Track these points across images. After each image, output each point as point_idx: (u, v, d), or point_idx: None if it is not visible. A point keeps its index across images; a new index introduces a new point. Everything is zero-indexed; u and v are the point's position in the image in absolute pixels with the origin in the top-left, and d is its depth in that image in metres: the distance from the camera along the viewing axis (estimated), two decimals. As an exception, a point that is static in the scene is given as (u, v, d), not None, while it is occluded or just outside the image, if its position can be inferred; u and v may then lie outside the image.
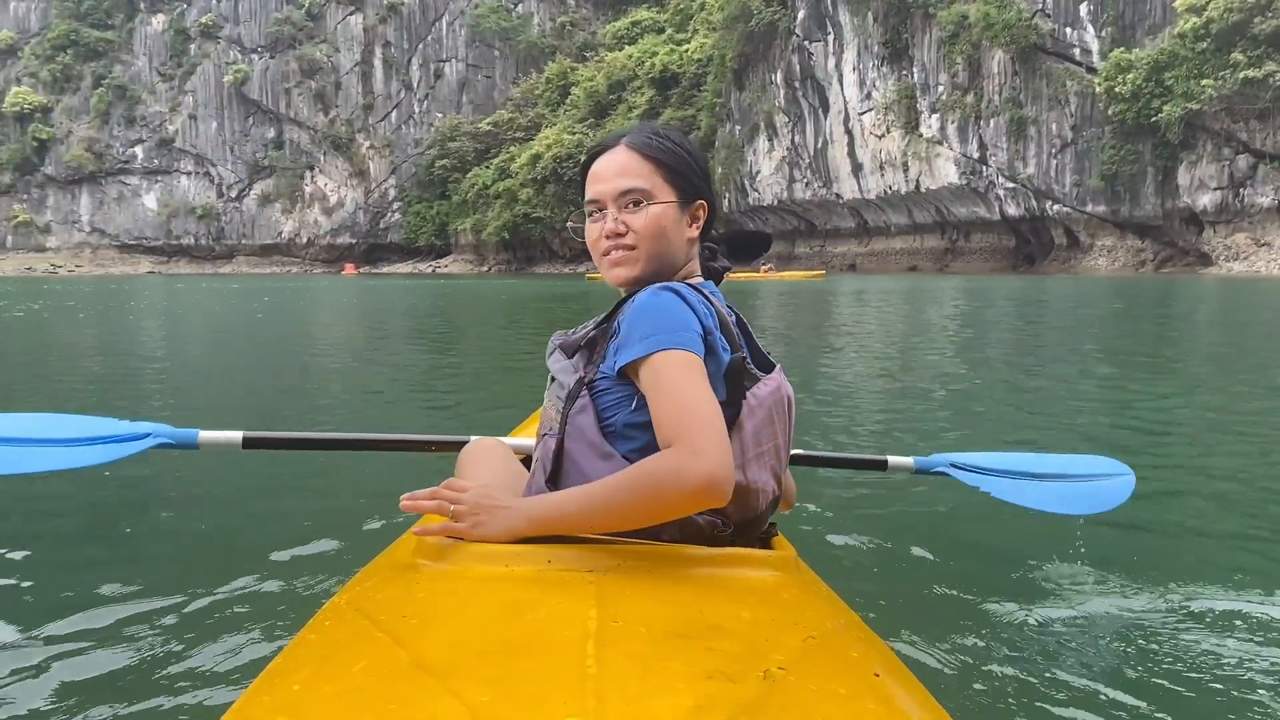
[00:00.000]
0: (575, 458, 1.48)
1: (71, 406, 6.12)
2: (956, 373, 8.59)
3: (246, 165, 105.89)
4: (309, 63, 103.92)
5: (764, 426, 1.49)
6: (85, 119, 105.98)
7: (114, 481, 3.88)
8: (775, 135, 73.44)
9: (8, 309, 21.30)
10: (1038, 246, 61.20)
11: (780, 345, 12.00)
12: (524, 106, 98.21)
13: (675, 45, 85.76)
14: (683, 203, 1.61)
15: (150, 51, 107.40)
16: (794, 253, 76.37)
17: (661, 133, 1.64)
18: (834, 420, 5.88)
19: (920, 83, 62.50)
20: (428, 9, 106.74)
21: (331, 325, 17.21)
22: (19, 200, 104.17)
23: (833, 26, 67.79)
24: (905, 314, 18.46)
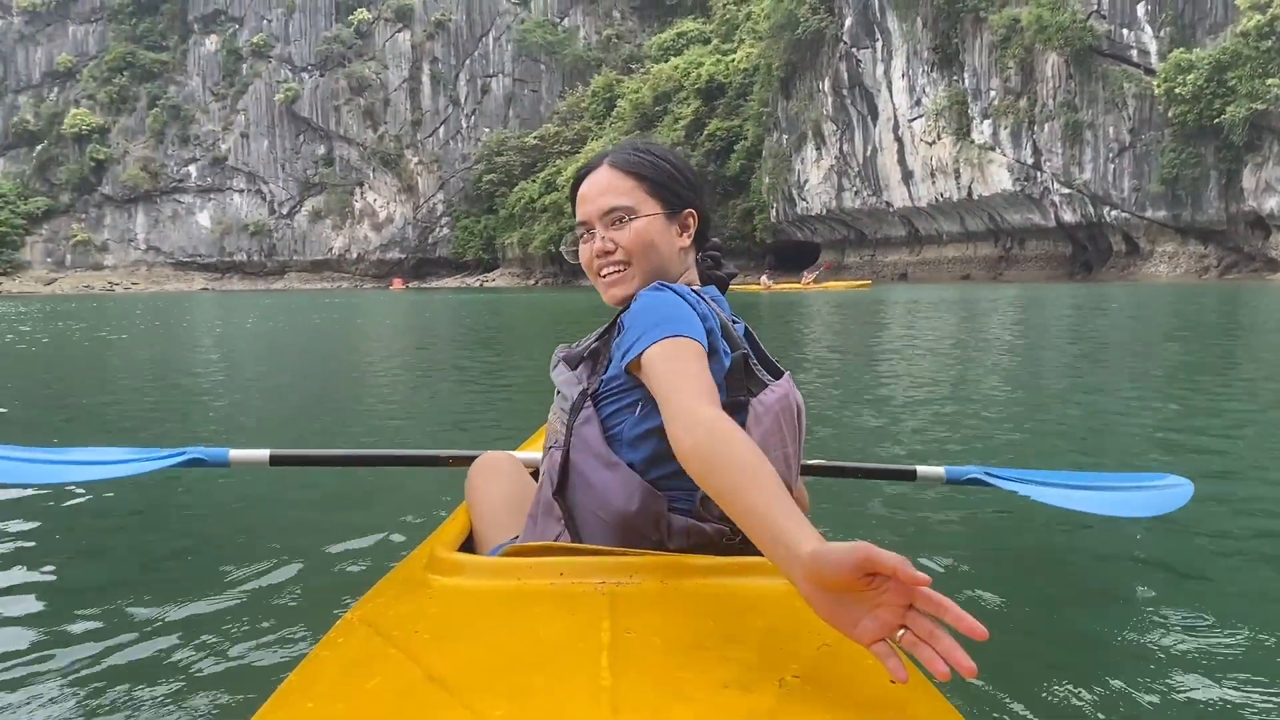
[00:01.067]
0: (581, 469, 1.50)
1: (118, 428, 6.55)
2: (1003, 386, 8.19)
3: (297, 182, 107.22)
4: (358, 80, 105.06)
5: (771, 434, 1.48)
6: (141, 139, 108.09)
7: (144, 499, 4.07)
8: (823, 144, 72.58)
9: (66, 329, 21.35)
10: (1095, 254, 59.68)
11: (822, 356, 11.71)
12: (570, 120, 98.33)
13: (721, 55, 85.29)
14: (669, 213, 1.64)
15: (204, 72, 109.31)
16: (844, 262, 75.32)
17: (643, 147, 1.68)
18: (870, 431, 5.78)
19: (971, 88, 61.34)
20: (474, 25, 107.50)
21: (375, 341, 17.13)
22: (77, 219, 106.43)
23: (881, 33, 66.87)
24: (953, 324, 17.71)
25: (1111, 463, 4.81)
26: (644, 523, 1.44)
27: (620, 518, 1.44)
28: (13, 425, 6.73)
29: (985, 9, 59.02)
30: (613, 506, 1.45)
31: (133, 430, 6.49)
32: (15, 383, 10.04)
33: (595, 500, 1.47)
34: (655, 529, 1.44)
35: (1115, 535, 3.28)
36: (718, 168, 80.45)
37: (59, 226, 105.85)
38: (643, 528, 1.44)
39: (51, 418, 7.20)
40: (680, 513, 1.44)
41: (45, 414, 7.50)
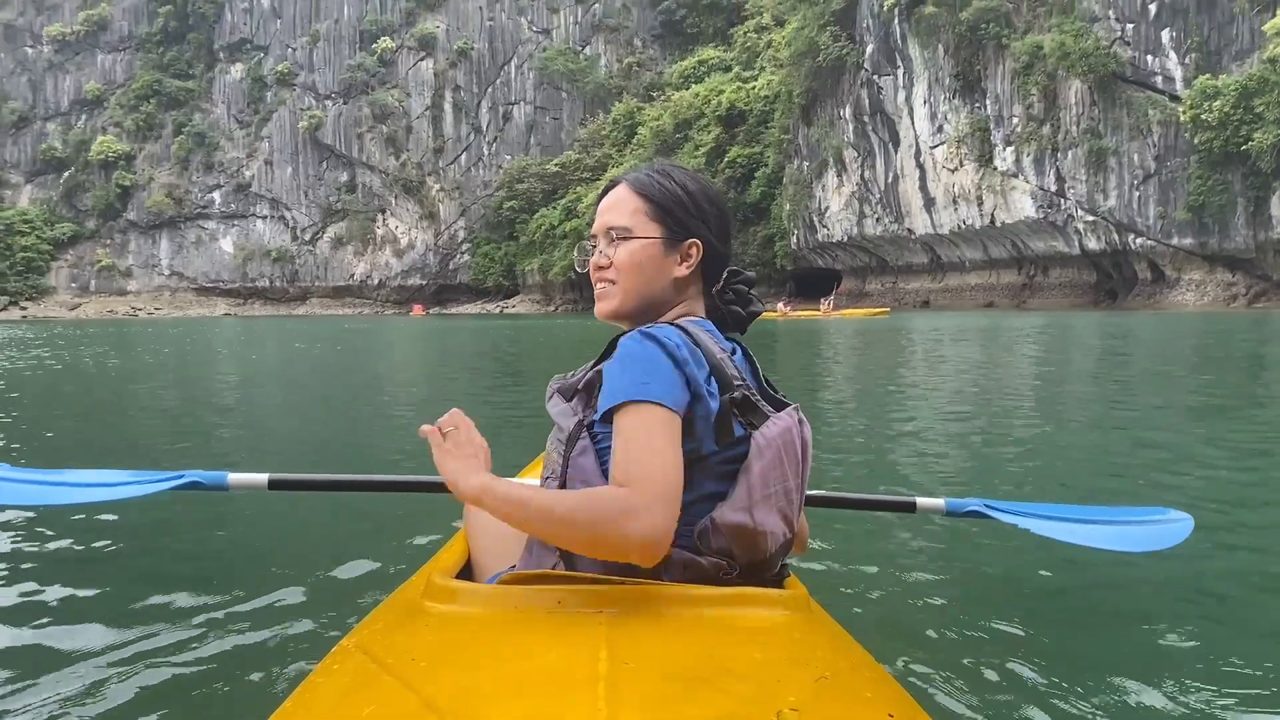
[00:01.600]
0: None
1: (126, 450, 6.60)
2: (1016, 418, 8.01)
3: (320, 209, 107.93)
4: (381, 108, 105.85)
5: (772, 468, 1.48)
6: (166, 166, 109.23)
7: (141, 522, 4.05)
8: (844, 170, 72.27)
9: (85, 354, 21.23)
10: (1120, 281, 58.93)
11: (833, 384, 11.71)
12: (591, 147, 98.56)
13: (742, 83, 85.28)
14: (669, 240, 1.64)
15: (229, 100, 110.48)
16: (865, 289, 74.81)
17: (664, 170, 1.68)
18: (877, 462, 5.78)
19: (994, 115, 60.93)
20: (497, 53, 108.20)
21: (392, 368, 17.17)
22: (102, 245, 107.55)
23: (902, 60, 66.63)
24: (971, 353, 17.35)
25: (1118, 495, 4.77)
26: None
27: None
28: (23, 447, 6.63)
29: (1007, 36, 58.71)
30: None
31: (141, 452, 6.48)
32: (29, 406, 9.92)
33: None
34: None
35: (1115, 568, 3.31)
36: (738, 194, 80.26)
37: (84, 252, 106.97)
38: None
39: (61, 440, 7.15)
40: (677, 546, 1.42)
41: (55, 436, 7.42)
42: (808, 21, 72.76)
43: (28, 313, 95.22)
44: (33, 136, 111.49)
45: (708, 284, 1.70)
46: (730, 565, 1.43)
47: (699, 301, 1.69)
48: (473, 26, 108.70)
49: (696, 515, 1.44)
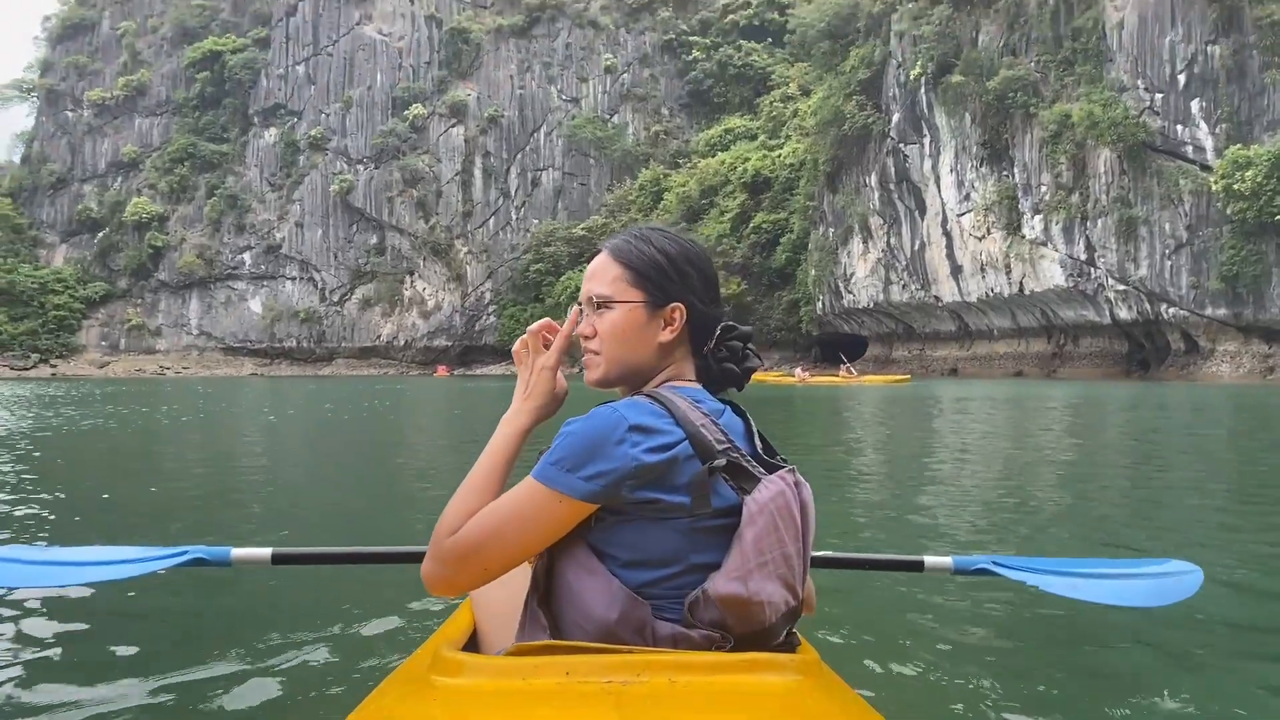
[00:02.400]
0: (564, 575, 1.48)
1: (142, 518, 6.54)
2: (1035, 482, 7.98)
3: (349, 270, 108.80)
4: (412, 172, 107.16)
5: (766, 534, 1.45)
6: (198, 227, 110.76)
7: (143, 596, 4.00)
8: (870, 237, 72.17)
9: (112, 414, 21.07)
10: (1153, 351, 58.04)
11: (850, 449, 11.54)
12: (617, 211, 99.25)
13: (768, 151, 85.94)
14: (651, 305, 1.62)
15: (262, 163, 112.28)
16: (892, 356, 74.22)
17: (642, 235, 1.67)
18: (889, 523, 5.83)
19: (1022, 183, 60.76)
20: (527, 121, 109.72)
21: (411, 431, 17.05)
22: (133, 304, 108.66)
23: (929, 129, 66.85)
24: (989, 422, 16.94)
25: (1131, 551, 4.80)
26: (626, 631, 1.40)
27: (602, 626, 1.41)
28: (37, 513, 6.54)
29: (1035, 105, 58.76)
30: (594, 614, 1.42)
31: (151, 522, 6.44)
32: (49, 469, 9.73)
33: (576, 608, 1.45)
34: (639, 637, 1.40)
35: (1123, 621, 3.33)
36: (763, 259, 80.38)
37: (115, 311, 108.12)
38: (626, 637, 1.40)
39: (75, 507, 7.05)
40: (665, 619, 1.42)
41: (69, 501, 7.32)
42: (834, 91, 73.34)
43: (57, 370, 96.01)
44: (70, 197, 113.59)
45: (697, 344, 1.67)
46: (724, 638, 1.40)
47: (688, 363, 1.67)
48: (503, 94, 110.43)
49: (686, 586, 1.43)
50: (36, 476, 8.94)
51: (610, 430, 1.43)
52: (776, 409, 22.41)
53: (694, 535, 1.44)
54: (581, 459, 1.41)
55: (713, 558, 1.44)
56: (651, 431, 1.44)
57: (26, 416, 18.65)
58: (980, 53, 62.29)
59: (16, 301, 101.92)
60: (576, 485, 1.41)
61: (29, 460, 10.40)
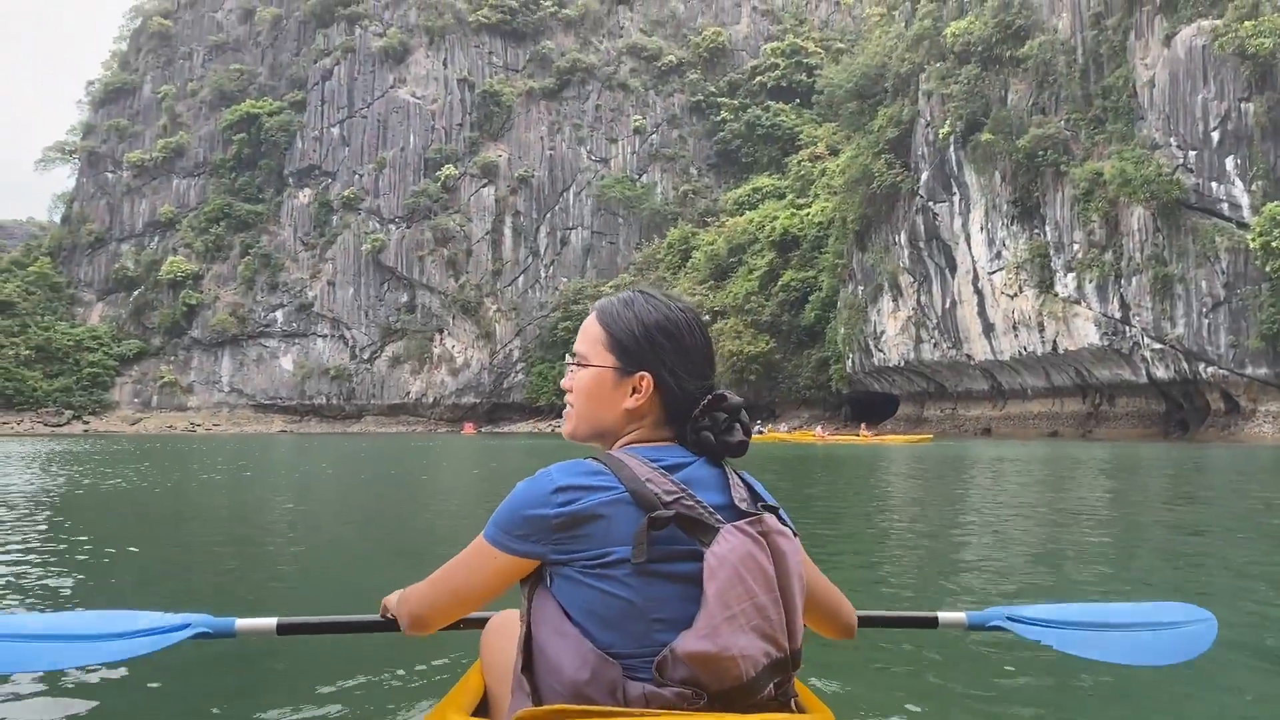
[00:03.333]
0: (539, 640, 1.51)
1: (153, 585, 6.33)
2: (1058, 535, 7.85)
3: (379, 328, 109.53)
4: (443, 232, 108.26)
5: (731, 587, 1.44)
6: (232, 285, 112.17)
7: (151, 676, 3.81)
8: (900, 295, 71.68)
9: (140, 473, 20.92)
10: (1191, 412, 56.81)
11: (869, 509, 11.27)
12: (646, 270, 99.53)
13: (796, 209, 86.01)
14: (621, 371, 1.65)
15: (295, 223, 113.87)
16: (924, 415, 73.24)
17: (628, 299, 1.71)
18: (910, 580, 5.70)
19: (1054, 241, 60.23)
20: (556, 181, 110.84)
21: (434, 492, 16.62)
22: (166, 361, 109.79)
23: (958, 186, 66.64)
24: (1008, 483, 16.25)
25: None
26: (598, 691, 1.41)
27: (573, 687, 1.42)
28: (54, 576, 6.36)
29: (1065, 163, 58.44)
30: (565, 676, 1.43)
31: (166, 586, 6.33)
32: (73, 529, 9.41)
33: (551, 671, 1.47)
34: (611, 697, 1.41)
35: (1144, 676, 3.22)
36: (792, 317, 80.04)
37: (148, 368, 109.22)
38: (597, 696, 1.41)
39: (91, 569, 6.84)
40: (635, 679, 1.41)
41: (90, 563, 7.11)
42: (862, 149, 73.48)
43: (89, 426, 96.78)
44: (107, 256, 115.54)
45: (672, 412, 1.65)
46: (697, 694, 1.39)
47: (662, 429, 1.66)
48: (534, 155, 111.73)
49: (656, 645, 1.42)
50: (60, 537, 8.69)
51: (537, 491, 1.52)
52: (799, 467, 21.88)
53: (651, 591, 1.44)
54: (512, 518, 1.53)
55: (678, 614, 1.43)
56: (579, 490, 1.49)
57: (58, 474, 18.51)
58: (1009, 111, 62.22)
59: (52, 358, 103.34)
60: (506, 542, 1.53)
61: (52, 521, 10.14)
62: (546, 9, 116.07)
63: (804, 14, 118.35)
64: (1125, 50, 56.45)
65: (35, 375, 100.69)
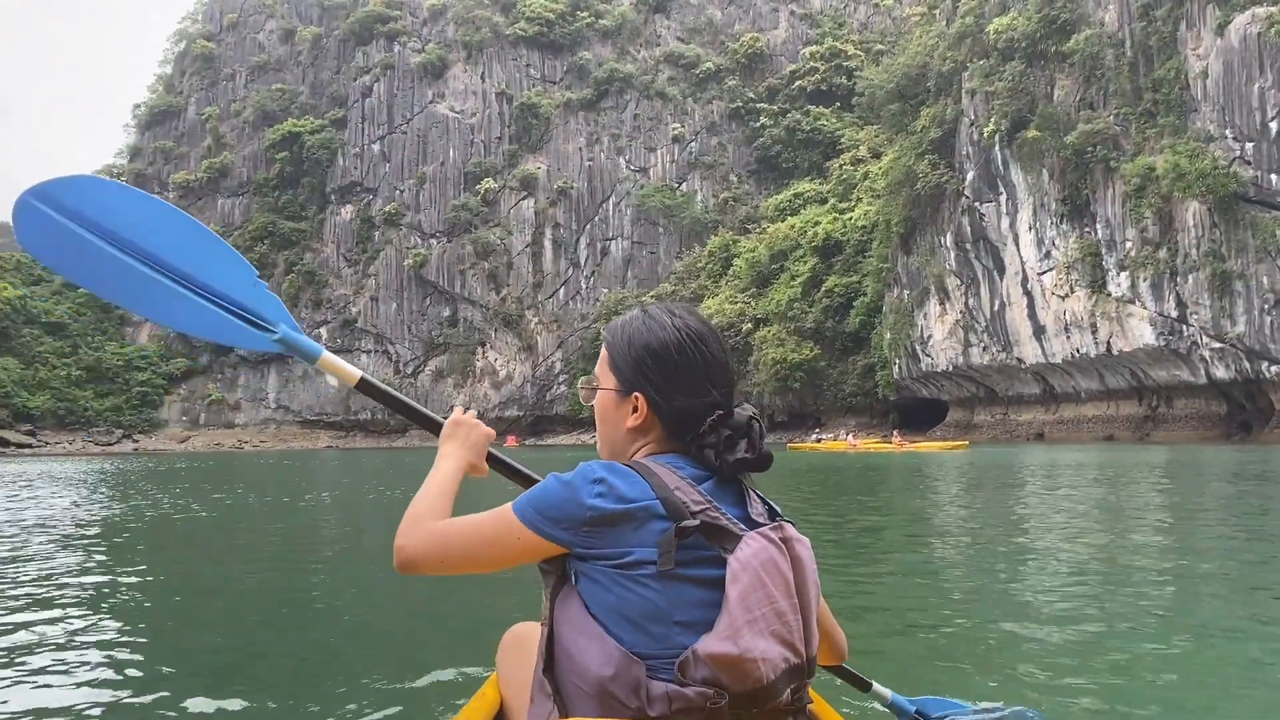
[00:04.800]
0: (563, 641, 1.53)
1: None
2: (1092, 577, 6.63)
3: (422, 343, 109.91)
4: (483, 245, 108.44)
5: (752, 591, 1.47)
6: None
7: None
8: (947, 298, 70.23)
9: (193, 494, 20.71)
10: (1254, 412, 54.85)
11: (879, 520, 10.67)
12: (687, 279, 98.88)
13: (838, 214, 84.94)
14: (620, 393, 1.70)
15: (338, 239, 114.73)
16: (974, 421, 71.64)
17: (627, 320, 1.75)
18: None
19: (1105, 239, 58.59)
20: (595, 192, 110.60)
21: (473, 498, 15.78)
22: (213, 380, 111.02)
23: (1005, 186, 65.17)
24: (1062, 492, 15.23)
25: None
26: (621, 690, 1.43)
27: (597, 685, 1.44)
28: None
29: (1116, 159, 56.85)
30: (589, 674, 1.45)
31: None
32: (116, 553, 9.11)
33: (574, 670, 1.49)
34: (634, 696, 1.43)
35: None
36: (836, 324, 78.84)
37: (195, 386, 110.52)
38: (621, 695, 1.43)
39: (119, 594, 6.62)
40: (658, 679, 1.43)
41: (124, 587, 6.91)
42: (905, 151, 72.28)
43: (139, 445, 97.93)
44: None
45: (671, 430, 1.66)
46: (718, 694, 1.41)
47: (667, 444, 1.67)
48: (572, 167, 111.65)
49: (678, 647, 1.45)
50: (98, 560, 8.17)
51: (578, 480, 1.54)
52: (828, 477, 21.03)
53: (676, 594, 1.46)
54: (548, 501, 1.53)
55: (701, 617, 1.46)
56: (616, 487, 1.51)
57: (112, 496, 18.23)
58: (1056, 108, 60.75)
59: (103, 378, 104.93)
60: (538, 523, 1.53)
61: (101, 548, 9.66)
62: (583, 20, 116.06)
63: (842, 17, 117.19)
64: (1176, 41, 54.80)
65: (86, 395, 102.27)
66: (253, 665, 4.23)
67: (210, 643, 4.49)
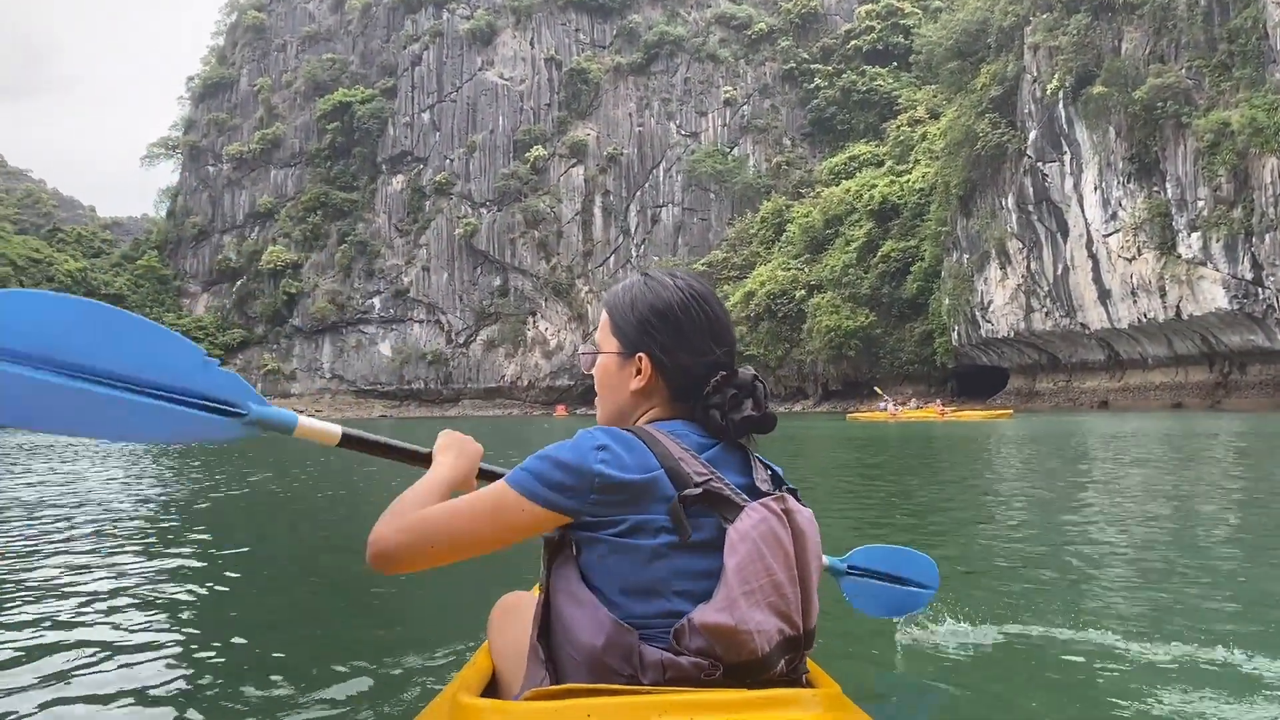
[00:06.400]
0: (558, 608, 1.53)
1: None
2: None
3: (474, 312, 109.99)
4: (533, 214, 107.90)
5: (751, 562, 1.46)
6: (330, 274, 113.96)
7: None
8: (1008, 262, 68.07)
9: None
10: (1335, 378, 52.43)
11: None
12: (739, 246, 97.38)
13: (895, 177, 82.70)
14: (623, 356, 1.70)
15: (389, 209, 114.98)
16: (1035, 389, 69.64)
17: (628, 284, 1.76)
18: None
19: (1175, 198, 56.12)
20: (645, 158, 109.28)
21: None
22: (269, 350, 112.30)
23: (1068, 145, 62.76)
24: (1124, 460, 13.87)
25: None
26: (614, 658, 1.43)
27: (589, 653, 1.45)
28: None
29: (1188, 114, 54.27)
30: (582, 642, 1.46)
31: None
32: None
33: (568, 639, 1.49)
34: (627, 663, 1.43)
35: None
36: (893, 289, 77.03)
37: (252, 356, 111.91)
38: (613, 663, 1.43)
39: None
40: (653, 645, 1.44)
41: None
42: (964, 110, 70.02)
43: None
44: (210, 248, 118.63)
45: (676, 392, 1.66)
46: (713, 665, 1.41)
47: (672, 408, 1.67)
48: (622, 133, 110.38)
49: (673, 616, 1.45)
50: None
51: (581, 447, 1.51)
52: (865, 446, 19.93)
53: (675, 564, 1.47)
54: (550, 471, 1.50)
55: (699, 587, 1.46)
56: (620, 454, 1.50)
57: (169, 470, 17.79)
58: (1124, 61, 58.15)
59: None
60: (542, 493, 1.49)
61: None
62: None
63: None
64: (1254, -12, 52.02)
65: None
66: (235, 628, 4.18)
67: (216, 608, 4.48)
